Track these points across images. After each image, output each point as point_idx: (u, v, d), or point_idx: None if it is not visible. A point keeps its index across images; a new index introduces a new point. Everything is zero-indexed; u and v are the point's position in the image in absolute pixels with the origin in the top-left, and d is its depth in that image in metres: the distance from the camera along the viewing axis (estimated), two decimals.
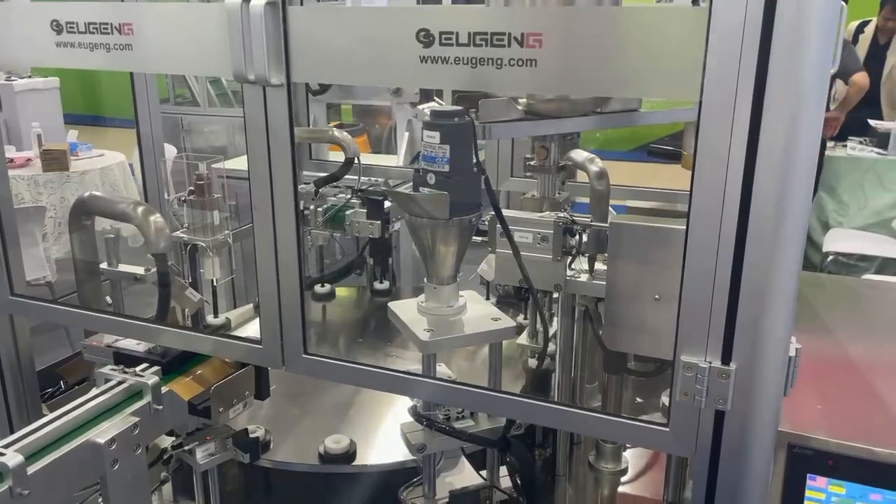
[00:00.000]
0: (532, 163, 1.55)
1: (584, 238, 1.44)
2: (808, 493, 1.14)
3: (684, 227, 0.98)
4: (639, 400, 1.73)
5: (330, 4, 2.47)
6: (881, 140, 5.18)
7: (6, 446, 1.09)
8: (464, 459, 1.39)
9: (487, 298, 1.76)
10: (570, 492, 1.62)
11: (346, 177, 2.18)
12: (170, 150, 5.74)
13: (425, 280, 1.29)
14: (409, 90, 2.74)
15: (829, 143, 5.11)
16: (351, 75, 1.16)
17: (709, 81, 0.88)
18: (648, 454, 1.66)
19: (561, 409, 1.12)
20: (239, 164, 2.76)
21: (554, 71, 0.96)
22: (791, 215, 0.91)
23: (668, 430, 1.02)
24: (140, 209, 1.42)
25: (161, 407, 1.28)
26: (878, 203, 5.06)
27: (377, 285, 2.29)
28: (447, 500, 1.28)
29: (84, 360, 1.52)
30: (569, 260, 1.44)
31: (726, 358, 0.96)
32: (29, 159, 4.69)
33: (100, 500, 1.21)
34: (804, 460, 1.13)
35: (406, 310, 1.28)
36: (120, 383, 1.28)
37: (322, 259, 2.27)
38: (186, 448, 1.35)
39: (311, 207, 2.15)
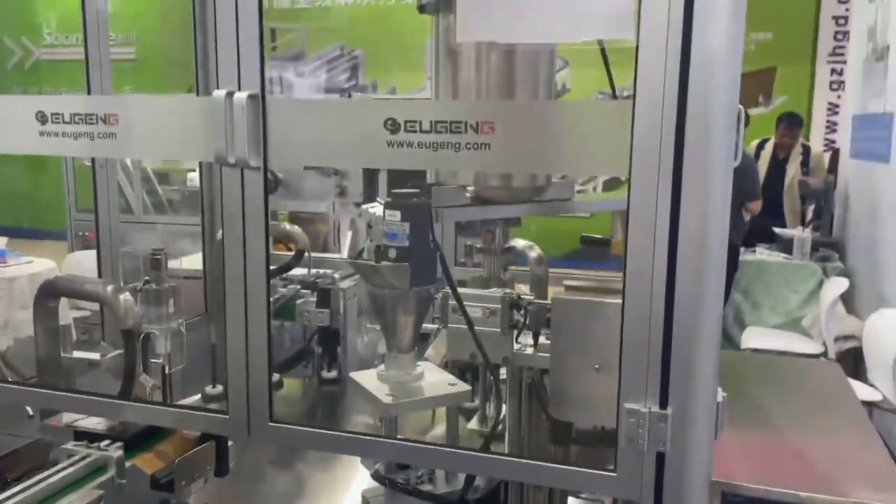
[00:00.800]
0: (479, 245, 1.69)
1: (527, 315, 1.56)
2: None
3: (619, 301, 1.12)
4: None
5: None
6: (786, 246, 5.62)
7: None
8: None
9: None
10: None
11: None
12: None
13: (385, 349, 1.39)
14: (353, 192, 2.90)
15: (741, 249, 5.49)
16: (324, 159, 1.29)
17: (635, 161, 1.04)
18: None
19: (520, 461, 1.21)
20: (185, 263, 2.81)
21: (504, 154, 1.11)
22: (710, 283, 1.07)
23: (616, 475, 1.12)
24: (109, 288, 1.48)
25: (125, 481, 1.30)
26: (787, 304, 5.43)
27: (325, 374, 2.34)
28: None
29: (24, 454, 1.52)
30: (515, 334, 1.56)
31: (663, 403, 1.08)
32: None
33: None
34: None
35: (367, 378, 1.36)
36: (83, 458, 1.30)
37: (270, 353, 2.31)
38: None
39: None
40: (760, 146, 6.14)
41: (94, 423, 1.44)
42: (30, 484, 1.22)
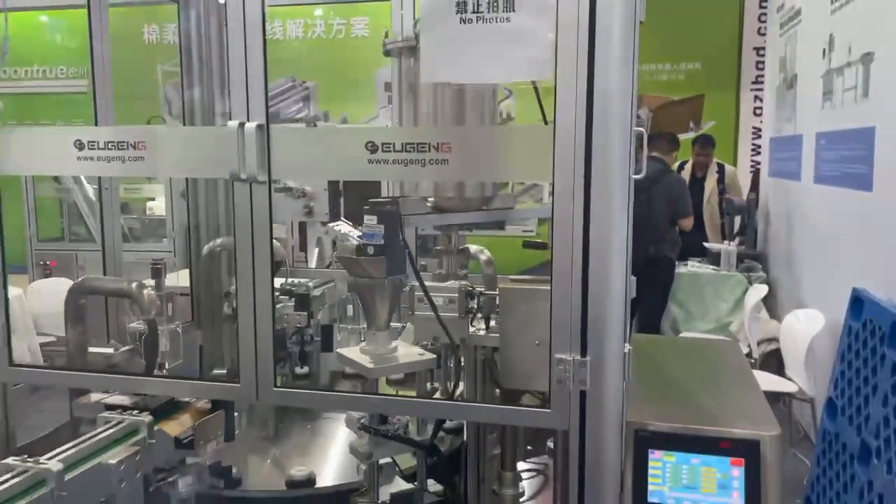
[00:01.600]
0: (438, 247, 2.02)
1: (480, 303, 1.90)
2: (650, 464, 1.59)
3: (546, 289, 1.46)
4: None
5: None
6: (715, 259, 6.11)
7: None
8: (397, 476, 1.75)
9: None
10: None
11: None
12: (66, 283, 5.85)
13: (365, 328, 1.71)
14: (319, 212, 3.21)
15: (676, 262, 5.96)
16: (317, 174, 1.62)
17: (557, 170, 1.40)
18: (540, 482, 2.07)
19: (477, 405, 1.54)
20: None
21: (460, 166, 1.46)
22: (615, 261, 1.42)
23: (549, 411, 1.46)
24: (133, 284, 1.77)
25: (154, 441, 1.58)
26: (717, 311, 5.90)
27: (297, 370, 2.63)
28: (388, 501, 1.63)
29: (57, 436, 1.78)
30: (470, 318, 1.89)
31: (584, 352, 1.43)
32: None
33: None
34: (646, 440, 1.58)
35: (352, 352, 1.68)
36: (119, 423, 1.58)
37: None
38: (170, 480, 1.64)
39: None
40: (681, 167, 6.68)
41: (120, 400, 1.72)
42: (78, 442, 1.49)
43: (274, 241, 2.64)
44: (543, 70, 1.37)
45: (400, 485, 1.72)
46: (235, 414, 1.74)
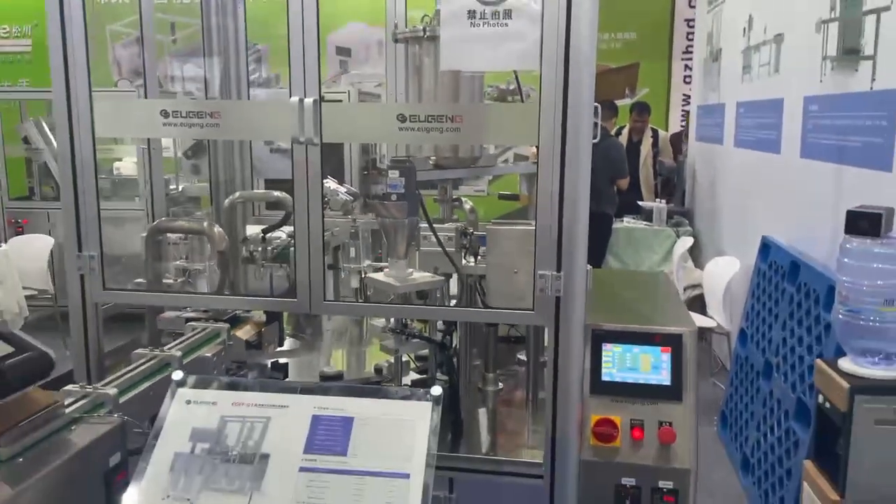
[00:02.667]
0: (436, 197, 2.53)
1: (471, 241, 2.42)
2: (603, 353, 2.15)
3: (526, 227, 1.98)
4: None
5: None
6: (647, 215, 6.78)
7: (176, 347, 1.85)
8: (412, 372, 2.28)
9: None
10: (470, 402, 2.53)
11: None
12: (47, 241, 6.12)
13: (389, 258, 2.22)
14: None
15: (614, 219, 6.59)
16: (358, 138, 2.09)
17: (542, 135, 1.92)
18: (515, 384, 2.64)
19: (477, 309, 2.08)
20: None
21: (468, 133, 1.96)
22: (580, 204, 1.95)
23: (534, 312, 2.00)
24: (205, 223, 2.22)
25: (231, 343, 2.07)
26: (650, 262, 6.58)
27: None
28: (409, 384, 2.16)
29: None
30: (464, 252, 2.42)
31: (559, 269, 1.97)
32: None
33: None
34: (600, 336, 2.14)
35: (378, 275, 2.19)
36: (204, 329, 2.05)
37: (271, 284, 3.07)
38: (242, 373, 2.13)
39: (261, 248, 2.97)
40: (618, 133, 7.32)
41: (193, 314, 2.19)
42: (181, 341, 1.97)
43: (281, 193, 3.11)
44: (532, 62, 1.88)
45: (413, 377, 2.25)
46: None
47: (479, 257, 2.43)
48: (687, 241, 6.02)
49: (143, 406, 1.62)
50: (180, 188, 3.48)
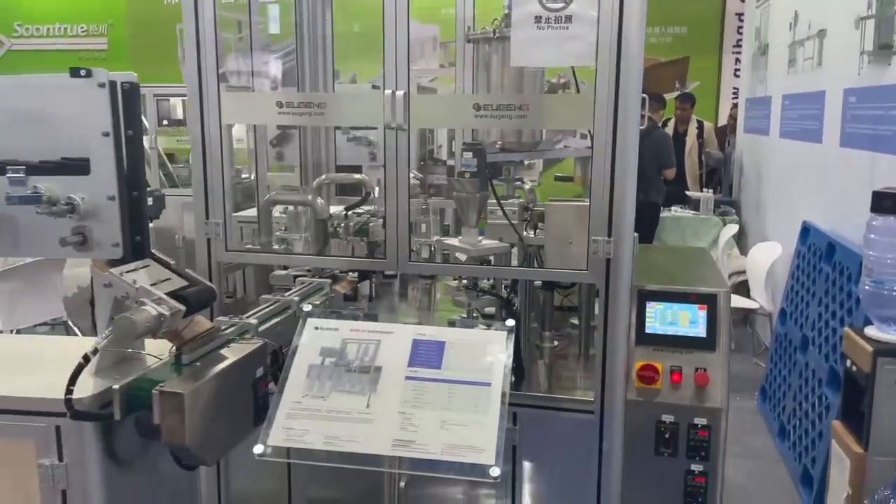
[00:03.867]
0: (502, 177, 2.91)
1: (531, 215, 2.79)
2: (647, 311, 2.50)
3: (580, 204, 2.35)
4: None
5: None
6: (695, 205, 7.03)
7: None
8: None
9: None
10: (528, 355, 2.90)
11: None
12: None
13: (462, 228, 2.60)
14: (380, 157, 4.08)
15: (662, 207, 6.87)
16: (440, 124, 2.48)
17: (597, 120, 2.27)
18: (567, 343, 3.00)
19: (539, 269, 2.45)
20: None
21: (534, 120, 2.33)
22: (628, 183, 2.30)
23: (587, 271, 2.36)
24: (308, 197, 2.64)
25: (333, 296, 2.47)
26: None
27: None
28: None
29: None
30: (525, 225, 2.79)
31: (609, 235, 2.32)
32: None
33: None
34: (644, 295, 2.49)
35: (452, 241, 2.58)
36: (310, 284, 2.47)
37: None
38: None
39: (343, 224, 3.38)
40: (664, 124, 7.58)
41: (298, 273, 2.60)
42: (293, 291, 2.38)
43: (362, 176, 3.52)
44: (588, 59, 2.24)
45: None
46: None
47: (537, 230, 2.80)
48: (732, 229, 6.28)
49: (274, 335, 2.03)
50: (251, 177, 3.90)
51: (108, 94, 1.72)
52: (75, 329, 4.93)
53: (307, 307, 1.95)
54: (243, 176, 4.21)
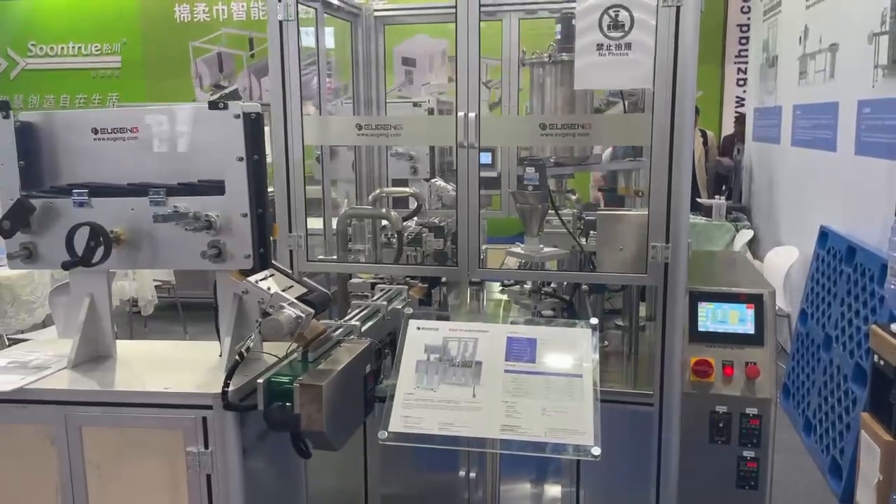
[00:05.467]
0: (552, 189, 3.13)
1: (584, 223, 3.02)
2: (699, 310, 2.72)
3: (632, 213, 2.57)
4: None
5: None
6: (707, 211, 7.27)
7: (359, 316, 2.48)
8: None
9: None
10: None
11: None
12: None
13: (525, 236, 2.82)
14: (422, 171, 4.31)
15: None
16: (508, 141, 2.70)
17: (655, 135, 2.50)
18: (613, 343, 3.22)
19: (598, 273, 2.67)
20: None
21: (595, 137, 2.56)
22: (683, 191, 2.52)
23: (646, 275, 2.58)
24: (383, 210, 2.86)
25: (410, 300, 2.69)
26: None
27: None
28: None
29: None
30: (578, 233, 3.01)
31: (667, 241, 2.54)
32: None
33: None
34: (697, 296, 2.71)
35: (517, 249, 2.80)
36: (389, 290, 2.68)
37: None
38: None
39: (398, 232, 3.60)
40: None
41: (372, 279, 2.82)
42: (378, 297, 2.59)
43: (415, 189, 3.74)
44: (646, 82, 2.47)
45: None
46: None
47: (588, 237, 3.02)
48: (746, 234, 6.51)
49: (370, 335, 2.24)
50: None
51: (243, 124, 1.94)
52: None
53: (408, 310, 2.16)
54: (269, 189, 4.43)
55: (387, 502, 2.88)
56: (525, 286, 2.87)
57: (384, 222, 3.54)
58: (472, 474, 2.84)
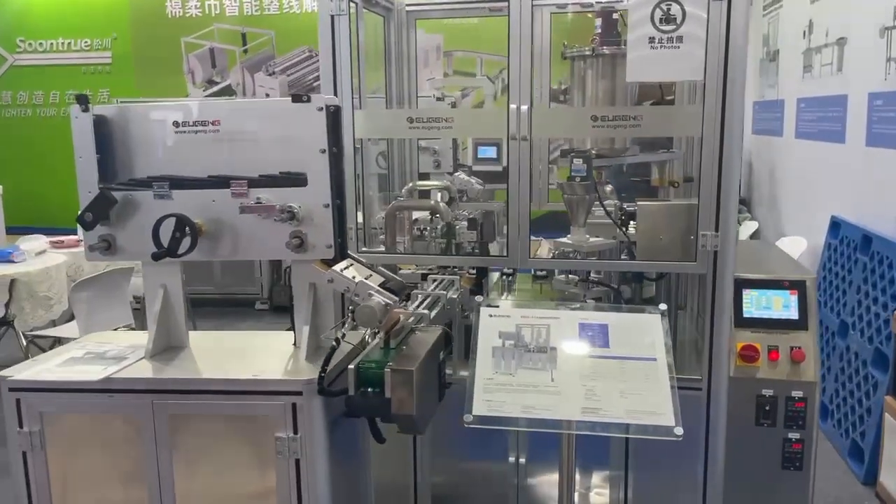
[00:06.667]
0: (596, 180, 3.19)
1: (625, 214, 3.08)
2: (744, 297, 2.79)
3: (670, 204, 2.64)
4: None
5: None
6: None
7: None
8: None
9: None
10: None
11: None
12: None
13: (571, 227, 2.87)
14: (444, 164, 4.35)
15: None
16: (560, 134, 2.76)
17: (705, 125, 2.56)
18: None
19: (644, 261, 2.74)
20: None
21: (648, 128, 2.62)
22: (731, 170, 2.59)
23: (696, 263, 2.65)
24: (432, 203, 2.90)
25: (462, 290, 2.73)
26: None
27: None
28: None
29: None
30: (620, 223, 3.07)
31: (716, 230, 2.61)
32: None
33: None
34: (741, 283, 2.78)
35: (565, 240, 2.85)
36: (443, 280, 2.72)
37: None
38: (466, 313, 2.80)
39: (429, 227, 3.64)
40: None
41: (421, 271, 2.86)
42: (435, 286, 2.63)
43: (447, 182, 3.78)
44: (698, 73, 2.53)
45: None
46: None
47: (628, 228, 3.09)
48: (751, 226, 6.63)
49: (437, 323, 2.29)
50: None
51: (325, 117, 1.97)
52: None
53: (479, 298, 2.21)
54: None
55: (436, 490, 2.93)
56: (570, 276, 2.93)
57: (415, 215, 3.59)
58: (522, 460, 2.90)
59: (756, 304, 2.79)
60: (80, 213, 2.04)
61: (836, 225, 4.95)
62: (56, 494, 2.02)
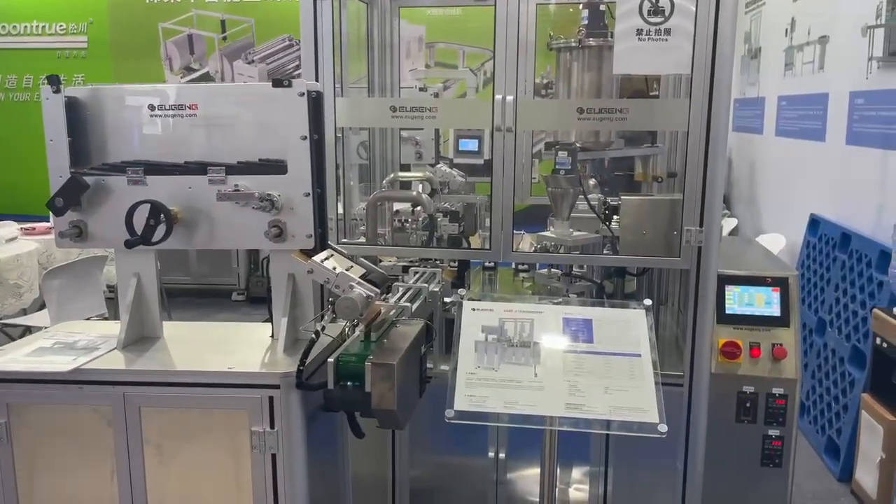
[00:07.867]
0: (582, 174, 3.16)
1: (608, 208, 3.05)
2: (727, 293, 2.78)
3: (648, 198, 2.61)
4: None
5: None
6: None
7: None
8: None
9: None
10: None
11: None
12: None
13: (554, 219, 2.84)
14: (426, 156, 4.31)
15: None
16: (544, 126, 2.72)
17: (692, 120, 2.54)
18: None
19: (627, 257, 2.71)
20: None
21: (632, 121, 2.59)
22: (717, 165, 2.57)
23: (680, 258, 2.63)
24: (414, 193, 2.85)
25: (443, 282, 2.69)
26: None
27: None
28: None
29: None
30: (604, 217, 3.04)
31: (700, 225, 2.59)
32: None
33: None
34: (724, 279, 2.77)
35: (548, 234, 2.82)
36: (424, 273, 2.68)
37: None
38: (448, 306, 2.76)
39: (410, 219, 3.59)
40: None
41: (400, 263, 2.81)
42: (417, 279, 2.59)
43: (428, 174, 3.74)
44: (685, 67, 2.50)
45: None
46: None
47: (611, 222, 3.06)
48: (731, 222, 6.66)
49: (418, 316, 2.25)
50: None
51: (307, 102, 1.91)
52: None
53: (461, 292, 2.17)
54: None
55: (414, 485, 2.89)
56: (553, 270, 2.90)
57: (397, 206, 3.54)
58: (502, 455, 2.87)
59: (738, 300, 2.77)
60: (50, 198, 1.97)
61: (815, 223, 4.97)
62: (23, 488, 1.95)
